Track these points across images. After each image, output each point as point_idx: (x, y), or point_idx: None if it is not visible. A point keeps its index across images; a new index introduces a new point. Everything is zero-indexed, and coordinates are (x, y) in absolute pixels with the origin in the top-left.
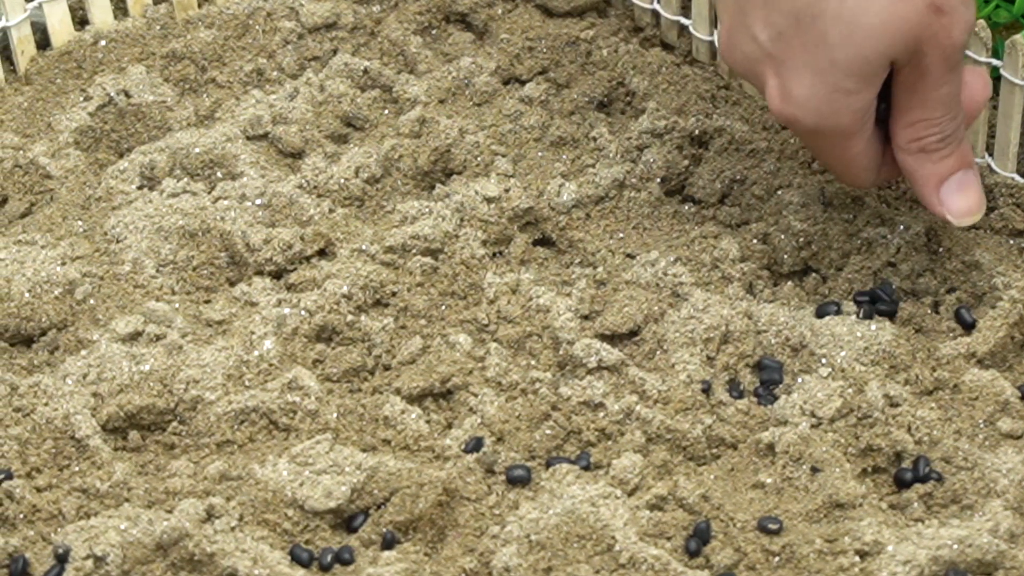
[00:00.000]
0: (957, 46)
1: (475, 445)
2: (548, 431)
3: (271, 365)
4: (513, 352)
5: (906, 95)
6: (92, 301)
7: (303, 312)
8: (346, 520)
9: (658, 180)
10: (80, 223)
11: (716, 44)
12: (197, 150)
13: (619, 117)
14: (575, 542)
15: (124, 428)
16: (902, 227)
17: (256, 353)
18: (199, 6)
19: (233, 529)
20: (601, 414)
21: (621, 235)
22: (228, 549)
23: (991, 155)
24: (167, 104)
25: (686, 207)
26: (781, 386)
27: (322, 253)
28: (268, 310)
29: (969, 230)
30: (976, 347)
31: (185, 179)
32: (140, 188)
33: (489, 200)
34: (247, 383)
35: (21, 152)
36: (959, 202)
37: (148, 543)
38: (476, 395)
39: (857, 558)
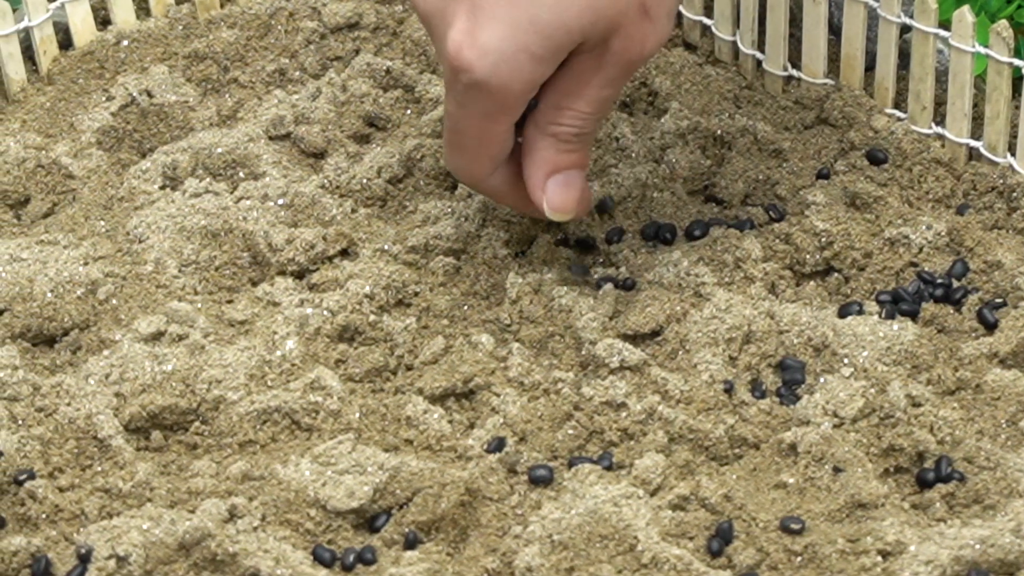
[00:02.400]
0: (645, 55)
1: (497, 445)
2: (570, 431)
3: (293, 365)
4: (535, 352)
5: (571, 80)
6: (114, 301)
7: (325, 312)
8: (368, 520)
9: (681, 180)
10: (102, 223)
11: None
12: (219, 150)
13: (642, 117)
14: (597, 542)
15: (146, 428)
16: (924, 227)
17: (278, 353)
18: (221, 6)
19: (255, 529)
20: (623, 414)
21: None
22: (250, 549)
23: (1013, 155)
24: (189, 104)
25: (709, 207)
26: (803, 386)
27: (344, 253)
28: (290, 310)
29: (991, 230)
30: (998, 347)
31: (207, 179)
32: (162, 188)
33: None
34: (269, 383)
35: (43, 152)
36: (561, 196)
37: (170, 543)
38: (498, 395)
39: (879, 558)
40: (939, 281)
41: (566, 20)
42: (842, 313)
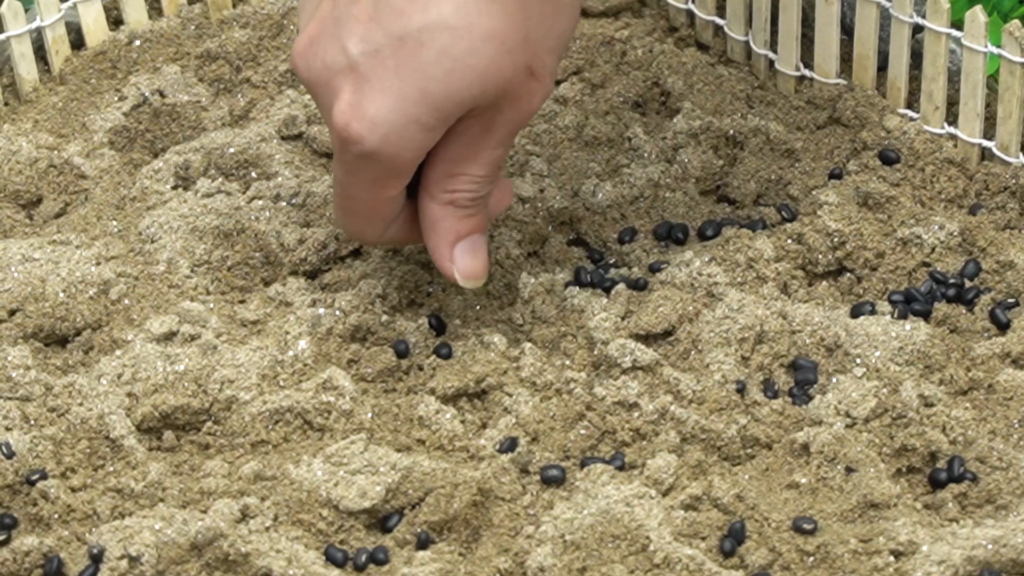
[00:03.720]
0: (532, 113)
1: (510, 445)
2: (582, 431)
3: (306, 365)
4: (548, 352)
5: (462, 146)
6: (126, 301)
7: (337, 312)
8: (381, 520)
9: (693, 180)
10: (115, 223)
11: (298, 48)
12: (231, 150)
13: (654, 117)
14: (609, 542)
15: (159, 428)
16: (937, 227)
17: (291, 353)
18: (233, 6)
19: (268, 529)
20: (635, 414)
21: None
22: (263, 549)
23: None
24: (201, 104)
25: (721, 207)
26: (815, 386)
27: (356, 253)
28: (303, 310)
29: (1004, 229)
30: (1011, 347)
31: (219, 179)
32: (174, 188)
33: (524, 200)
34: (282, 383)
35: (56, 152)
36: (470, 264)
37: (183, 543)
38: (511, 395)
39: (892, 558)
40: (951, 281)
41: (456, 91)
42: (854, 313)
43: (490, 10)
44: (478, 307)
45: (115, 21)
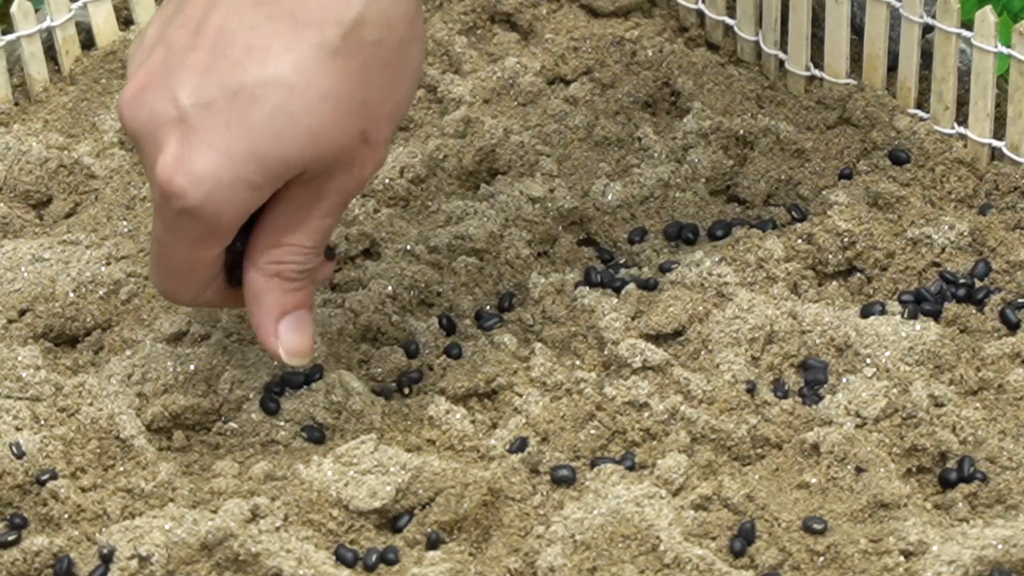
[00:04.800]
0: (364, 182)
1: (520, 445)
2: (593, 431)
3: (316, 365)
4: (558, 352)
5: (290, 213)
6: (137, 301)
7: (348, 312)
8: (391, 520)
9: (703, 180)
10: (125, 223)
11: (125, 96)
12: None
13: (664, 117)
14: (620, 542)
15: (169, 428)
16: (947, 227)
17: None
18: None
19: (278, 529)
20: (646, 414)
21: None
22: (273, 549)
23: None
24: None
25: (731, 207)
26: (826, 386)
27: (367, 253)
28: (313, 310)
29: (1014, 229)
30: (1021, 347)
31: None
32: None
33: (534, 200)
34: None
35: (66, 152)
36: (295, 340)
37: (193, 543)
38: (521, 395)
39: (902, 558)
40: (961, 281)
41: (286, 153)
42: (864, 313)
43: (330, 70)
44: (488, 307)
45: (125, 21)
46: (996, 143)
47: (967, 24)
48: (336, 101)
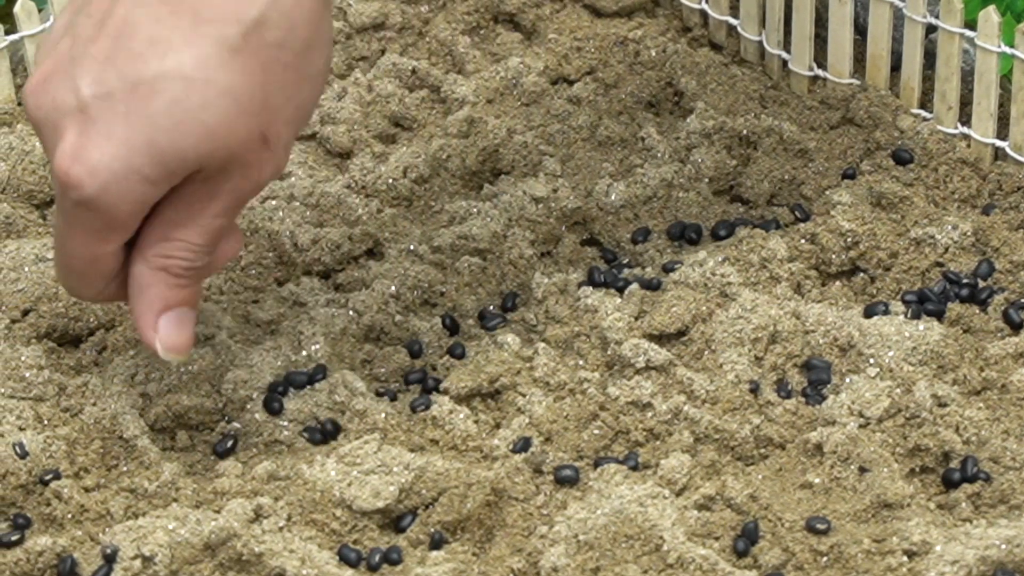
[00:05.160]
0: (261, 184)
1: (523, 445)
2: (596, 431)
3: (319, 365)
4: (561, 352)
5: (182, 210)
6: None
7: (351, 312)
8: (394, 520)
9: (706, 180)
10: None
11: (30, 85)
12: None
13: (667, 117)
14: (623, 542)
15: (172, 428)
16: (950, 227)
17: (304, 353)
18: None
19: (281, 529)
20: (649, 414)
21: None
22: (276, 549)
23: None
24: None
25: (735, 207)
26: (829, 386)
27: (370, 253)
28: (316, 310)
29: (1017, 230)
30: None
31: None
32: None
33: (537, 200)
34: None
35: None
36: (174, 336)
37: (196, 543)
38: (524, 395)
39: (905, 558)
40: (965, 281)
41: (184, 148)
42: (868, 313)
43: (231, 67)
44: (491, 307)
45: None
46: (999, 143)
47: (970, 24)
48: (235, 99)
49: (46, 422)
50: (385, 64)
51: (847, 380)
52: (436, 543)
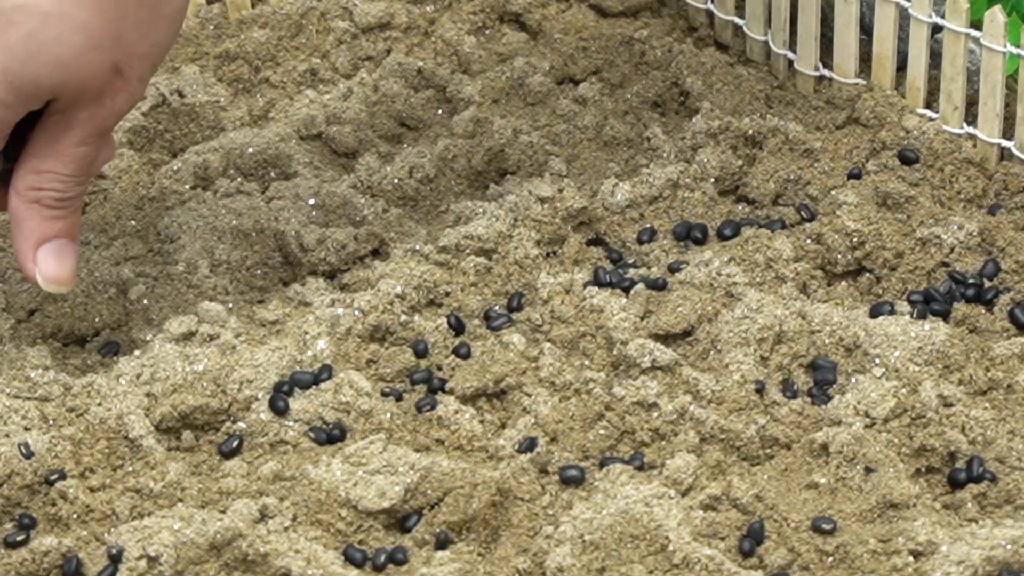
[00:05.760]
0: (117, 113)
1: (529, 445)
2: (602, 431)
3: (324, 365)
4: (567, 352)
5: (46, 141)
6: (146, 301)
7: (357, 312)
8: (400, 520)
9: (712, 180)
10: (134, 223)
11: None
12: (251, 150)
13: (673, 117)
14: (629, 542)
15: (177, 428)
16: (956, 227)
17: (310, 353)
18: (252, 6)
19: (287, 529)
20: (655, 414)
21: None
22: (281, 549)
23: None
24: (220, 104)
25: (740, 207)
26: (835, 386)
27: (376, 253)
28: (322, 310)
29: (1023, 230)
30: None
31: (239, 179)
32: (194, 188)
33: (543, 200)
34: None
35: None
36: (54, 267)
37: (201, 543)
38: (530, 395)
39: (911, 558)
40: (971, 281)
41: (36, 76)
42: (873, 313)
43: (85, 3)
44: (497, 307)
45: None
46: (1005, 143)
47: (976, 24)
48: (88, 34)
49: (51, 422)
50: (391, 64)
51: (853, 380)
52: (442, 543)
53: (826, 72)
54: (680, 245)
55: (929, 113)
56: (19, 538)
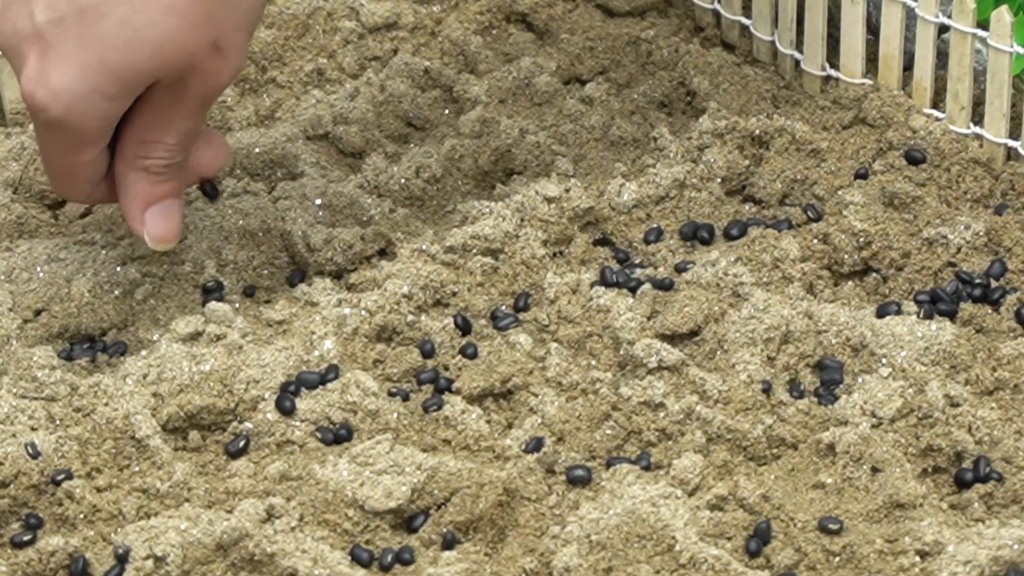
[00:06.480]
0: (221, 88)
1: (535, 445)
2: (608, 431)
3: (331, 365)
4: (573, 352)
5: (152, 115)
6: (152, 301)
7: (363, 312)
8: (406, 520)
9: (719, 180)
10: None
11: None
12: (257, 150)
13: (680, 117)
14: (635, 542)
15: (184, 428)
16: (963, 227)
17: (316, 353)
18: None
19: (293, 529)
20: (661, 414)
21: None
22: (288, 549)
23: None
24: (227, 104)
25: (747, 207)
26: (841, 386)
27: (382, 253)
28: (328, 310)
29: None
30: None
31: (246, 179)
32: (200, 188)
33: (549, 200)
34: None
35: None
36: (161, 226)
37: (208, 543)
38: (536, 395)
39: (917, 558)
40: (977, 281)
41: (136, 62)
42: (880, 313)
43: None
44: (503, 307)
45: None
46: (1012, 143)
47: (983, 24)
48: (180, 15)
49: (58, 422)
50: (398, 64)
51: (859, 380)
52: (448, 543)
53: (833, 72)
54: (687, 245)
55: (936, 113)
56: (26, 538)
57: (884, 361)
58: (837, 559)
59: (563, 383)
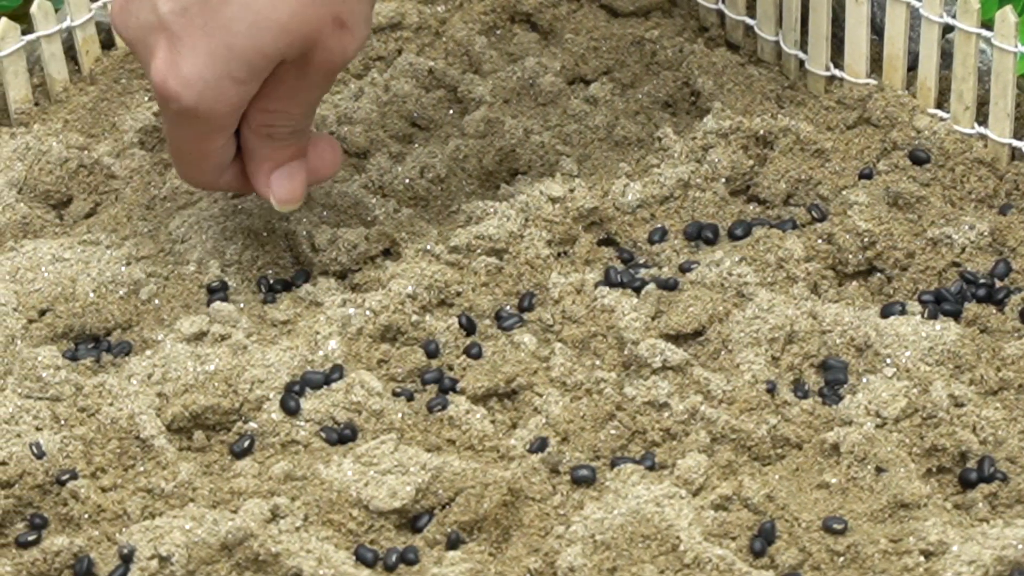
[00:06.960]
0: (346, 61)
1: (540, 445)
2: (613, 431)
3: (335, 365)
4: (578, 352)
5: (279, 89)
6: (157, 301)
7: (368, 312)
8: (411, 520)
9: (723, 180)
10: (145, 223)
11: (114, 7)
12: None
13: (684, 117)
14: (640, 542)
15: (189, 428)
16: (967, 227)
17: (321, 353)
18: None
19: (298, 529)
20: (666, 414)
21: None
22: (293, 549)
23: None
24: None
25: (751, 207)
26: (846, 386)
27: (387, 253)
28: (333, 310)
29: None
30: None
31: None
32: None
33: (554, 200)
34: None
35: (86, 152)
36: (286, 188)
37: (213, 543)
38: (541, 395)
39: (922, 558)
40: (982, 281)
41: (262, 45)
42: (885, 313)
43: None
44: (508, 307)
45: None
46: (1016, 143)
47: (987, 24)
48: None
49: (63, 422)
50: (402, 64)
51: (864, 380)
52: (453, 543)
53: (837, 72)
54: (691, 245)
55: (940, 113)
56: (31, 538)
57: (888, 361)
58: (841, 559)
59: (567, 383)
